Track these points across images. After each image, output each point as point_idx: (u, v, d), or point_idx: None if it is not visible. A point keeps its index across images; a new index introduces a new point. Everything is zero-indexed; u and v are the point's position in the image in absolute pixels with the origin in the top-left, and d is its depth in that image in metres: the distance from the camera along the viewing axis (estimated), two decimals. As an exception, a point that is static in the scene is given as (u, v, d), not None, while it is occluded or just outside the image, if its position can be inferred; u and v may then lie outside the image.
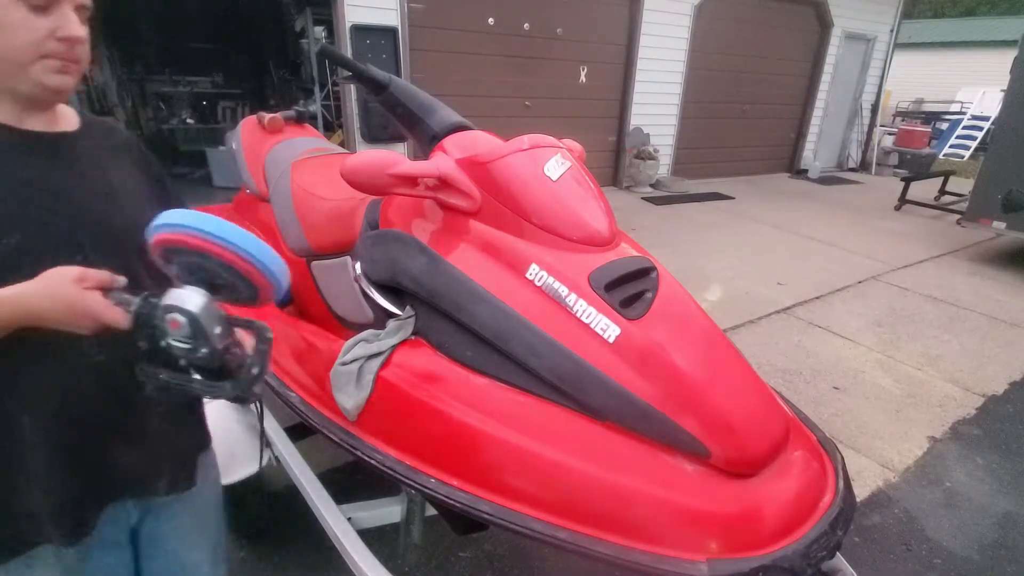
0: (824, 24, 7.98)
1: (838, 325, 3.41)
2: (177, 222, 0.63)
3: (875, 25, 8.51)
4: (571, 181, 1.10)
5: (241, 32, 7.67)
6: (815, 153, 8.78)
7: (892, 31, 8.78)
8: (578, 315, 0.95)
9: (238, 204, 1.92)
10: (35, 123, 0.71)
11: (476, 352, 1.00)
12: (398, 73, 4.85)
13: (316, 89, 6.33)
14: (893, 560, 1.78)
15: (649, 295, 1.02)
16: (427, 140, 1.24)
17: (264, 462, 1.32)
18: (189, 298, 0.63)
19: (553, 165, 1.09)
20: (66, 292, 0.62)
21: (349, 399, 1.04)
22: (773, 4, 7.34)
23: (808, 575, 0.83)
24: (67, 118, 0.78)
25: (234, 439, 1.39)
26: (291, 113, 1.95)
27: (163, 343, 0.64)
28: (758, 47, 7.47)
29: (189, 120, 7.35)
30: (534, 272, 0.99)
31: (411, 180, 1.04)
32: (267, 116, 1.85)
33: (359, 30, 4.67)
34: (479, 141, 1.18)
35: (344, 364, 1.06)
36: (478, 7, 5.31)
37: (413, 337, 1.09)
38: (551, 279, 0.98)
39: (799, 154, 8.70)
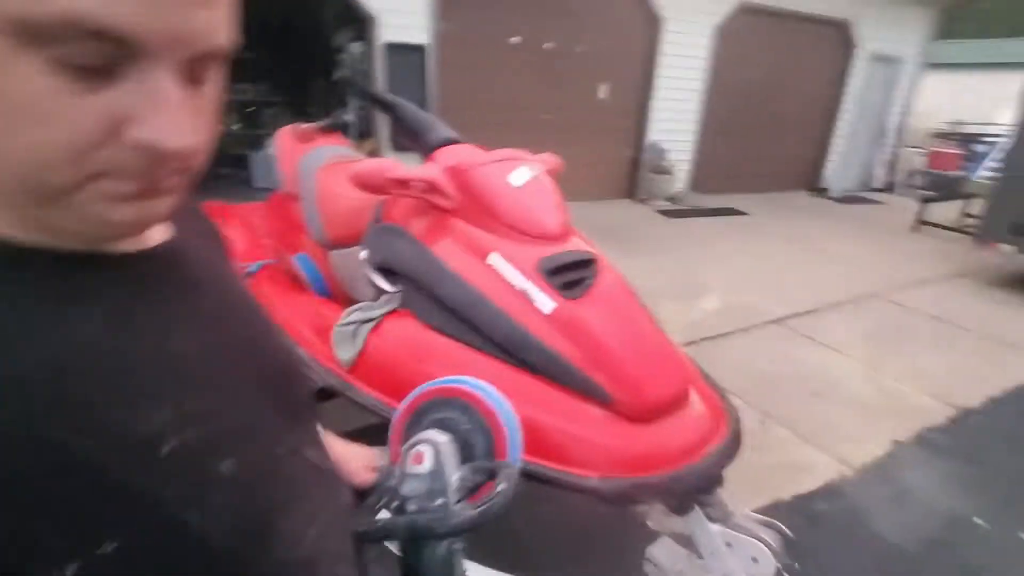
0: (849, 45, 8.05)
1: (829, 337, 3.54)
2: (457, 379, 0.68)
3: (902, 46, 8.52)
4: (532, 187, 1.37)
5: (285, 46, 8.23)
6: (837, 172, 8.80)
7: (921, 53, 8.76)
8: (524, 293, 1.21)
9: (273, 202, 2.25)
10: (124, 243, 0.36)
11: (444, 320, 1.27)
12: (424, 87, 5.25)
13: (351, 101, 6.76)
14: (832, 544, 1.94)
15: (588, 281, 1.28)
16: (426, 151, 1.54)
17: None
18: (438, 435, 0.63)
19: (518, 174, 1.36)
20: None
21: (346, 352, 1.32)
22: (795, 25, 7.45)
23: (685, 501, 1.06)
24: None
25: None
26: (324, 124, 2.28)
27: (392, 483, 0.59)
28: (779, 68, 7.60)
29: (233, 126, 7.93)
30: (494, 259, 1.27)
31: (403, 183, 1.33)
32: (301, 127, 2.18)
33: (392, 47, 5.09)
34: (464, 153, 1.46)
35: (343, 326, 1.35)
36: (503, 27, 5.65)
37: (400, 308, 1.37)
38: (506, 264, 1.25)
39: (820, 173, 8.74)
